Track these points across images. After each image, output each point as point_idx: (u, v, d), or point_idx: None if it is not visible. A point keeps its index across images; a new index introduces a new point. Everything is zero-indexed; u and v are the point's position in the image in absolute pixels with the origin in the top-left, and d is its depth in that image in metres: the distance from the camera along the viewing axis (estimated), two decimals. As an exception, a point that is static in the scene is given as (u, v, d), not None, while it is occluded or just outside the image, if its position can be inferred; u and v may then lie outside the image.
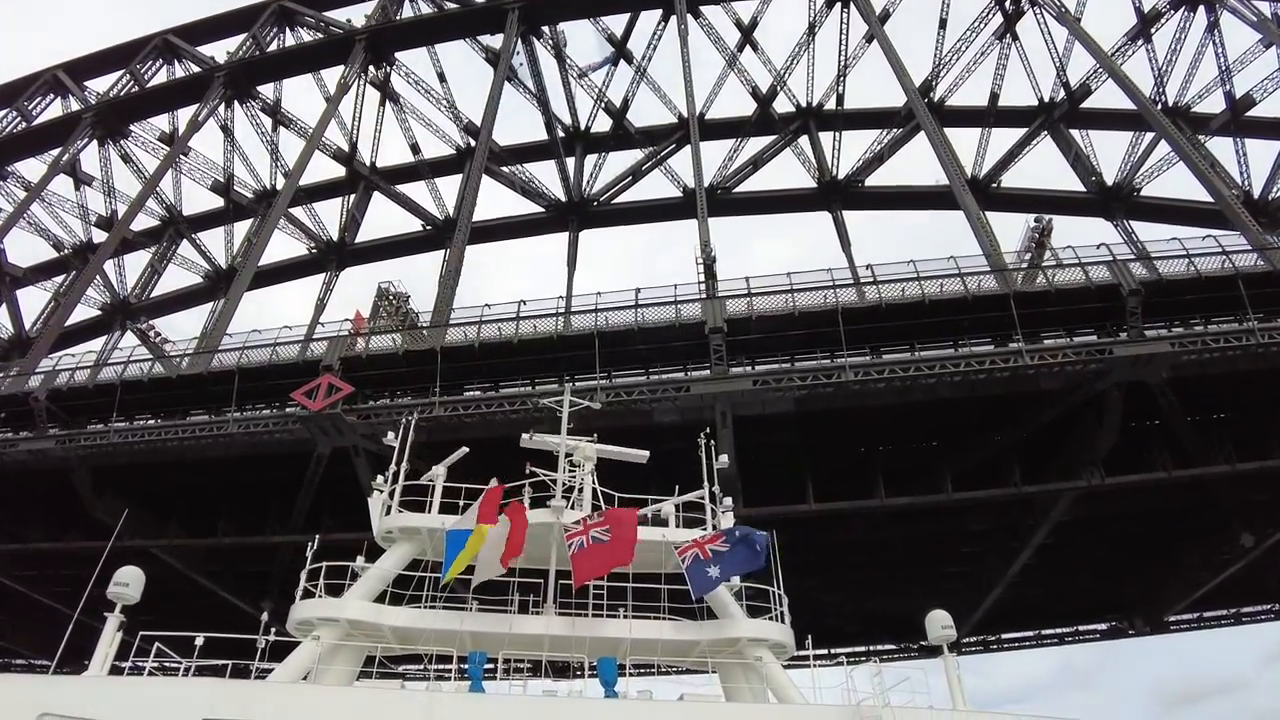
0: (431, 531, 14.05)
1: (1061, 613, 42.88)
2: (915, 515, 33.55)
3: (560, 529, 13.75)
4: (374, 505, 14.90)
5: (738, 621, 13.71)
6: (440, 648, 12.84)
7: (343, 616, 13.10)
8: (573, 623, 13.33)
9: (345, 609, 13.19)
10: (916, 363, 25.50)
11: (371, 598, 13.49)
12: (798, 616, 40.22)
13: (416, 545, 14.33)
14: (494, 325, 27.26)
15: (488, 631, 13.13)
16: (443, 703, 11.60)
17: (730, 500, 16.33)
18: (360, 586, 13.64)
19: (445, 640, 12.87)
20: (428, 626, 13.06)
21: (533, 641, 13.16)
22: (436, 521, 14.17)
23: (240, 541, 31.54)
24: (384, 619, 13.07)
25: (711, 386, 24.94)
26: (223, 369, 29.58)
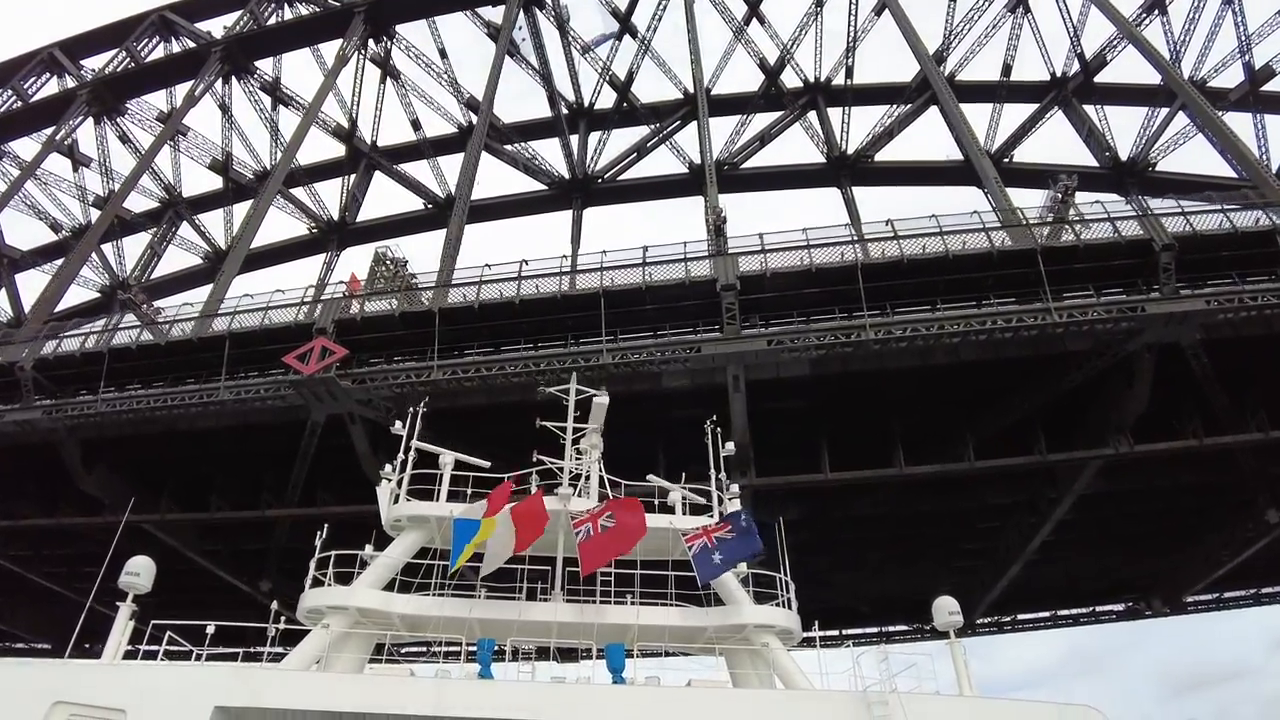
0: (440, 520, 13.94)
1: (1077, 593, 41.26)
2: (932, 488, 31.97)
3: (567, 516, 13.66)
4: (382, 494, 14.81)
5: (744, 608, 13.58)
6: (449, 635, 12.91)
7: (352, 604, 12.99)
8: (581, 609, 13.25)
9: (354, 597, 13.08)
10: (940, 320, 23.83)
11: (380, 586, 13.37)
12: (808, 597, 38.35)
13: (425, 533, 14.18)
14: (495, 286, 25.65)
15: (496, 618, 13.04)
16: (452, 689, 11.53)
17: (737, 487, 16.06)
18: (369, 575, 13.49)
19: (454, 627, 12.90)
20: (437, 614, 13.04)
21: (541, 628, 13.06)
22: (445, 510, 14.03)
23: (234, 516, 30.05)
24: (393, 607, 13.02)
25: (723, 347, 23.33)
26: (213, 335, 28.02)
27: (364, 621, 13.04)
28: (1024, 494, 32.06)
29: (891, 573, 37.45)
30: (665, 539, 13.83)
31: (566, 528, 13.57)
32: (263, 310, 27.57)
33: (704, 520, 14.10)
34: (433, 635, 13.19)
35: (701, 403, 26.47)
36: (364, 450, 26.87)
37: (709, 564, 12.80)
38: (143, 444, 30.31)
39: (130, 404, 27.64)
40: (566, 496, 14.06)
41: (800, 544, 36.49)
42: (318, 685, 11.69)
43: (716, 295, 24.03)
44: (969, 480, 32.07)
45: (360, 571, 13.54)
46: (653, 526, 13.47)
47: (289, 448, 28.33)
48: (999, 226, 25.28)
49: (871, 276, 24.15)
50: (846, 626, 41.62)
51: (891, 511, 33.03)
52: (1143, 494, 33.62)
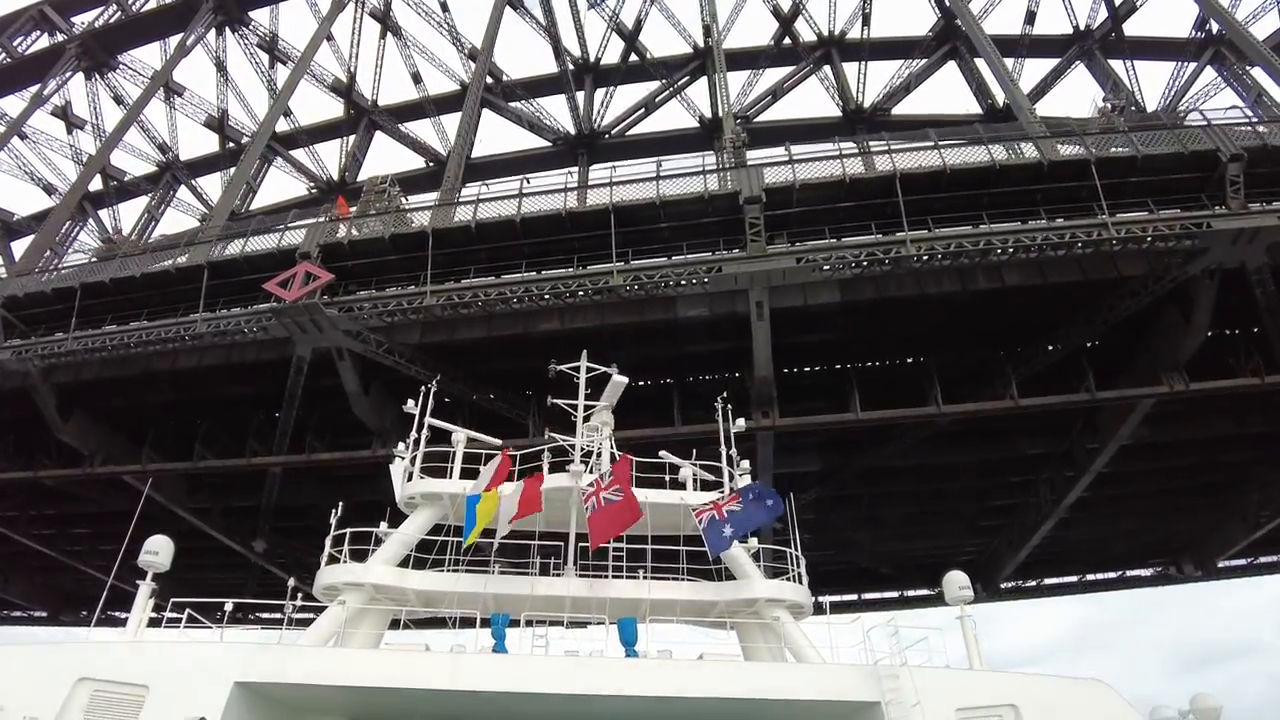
0: (453, 497, 13.76)
1: (1106, 557, 38.39)
2: (963, 438, 29.20)
3: (579, 493, 13.48)
4: (396, 472, 14.63)
5: (755, 582, 13.43)
6: (464, 610, 12.89)
7: (368, 581, 12.95)
8: (592, 584, 13.18)
9: (370, 574, 13.02)
10: (986, 235, 20.95)
11: (395, 562, 13.33)
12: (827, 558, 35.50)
13: (438, 510, 14.02)
14: (494, 205, 22.82)
15: (510, 594, 13.01)
16: (467, 663, 11.45)
17: (747, 463, 15.39)
18: (384, 551, 13.42)
19: (469, 602, 12.90)
20: (451, 589, 12.99)
21: (554, 603, 12.93)
22: (458, 487, 13.79)
23: (219, 465, 27.35)
24: (408, 583, 13.00)
25: (748, 265, 20.48)
26: (190, 265, 25.27)
27: (380, 598, 12.99)
28: (1061, 444, 29.26)
29: (915, 533, 34.69)
30: (676, 514, 13.59)
31: (578, 504, 13.36)
32: (243, 236, 24.76)
33: (714, 495, 13.71)
34: (447, 610, 13.12)
35: (720, 336, 23.75)
36: (354, 390, 24.14)
37: (719, 536, 12.62)
38: (122, 389, 27.66)
39: (104, 341, 24.89)
40: (578, 474, 13.75)
41: (821, 501, 33.81)
42: (336, 661, 11.58)
43: (739, 210, 21.16)
44: (1003, 429, 29.32)
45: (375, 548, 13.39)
46: (663, 502, 13.41)
47: (276, 390, 25.62)
48: (1049, 135, 22.35)
49: (910, 188, 21.28)
50: (866, 589, 38.86)
51: (919, 465, 30.25)
52: (1183, 447, 30.83)
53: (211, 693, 10.43)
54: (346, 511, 31.82)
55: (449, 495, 13.70)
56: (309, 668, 11.19)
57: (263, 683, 10.92)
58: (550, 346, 24.21)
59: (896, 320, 23.67)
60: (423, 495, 13.94)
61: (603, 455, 14.64)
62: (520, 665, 11.46)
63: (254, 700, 11.00)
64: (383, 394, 25.29)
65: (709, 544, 12.73)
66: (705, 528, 12.68)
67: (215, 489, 32.71)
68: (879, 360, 25.29)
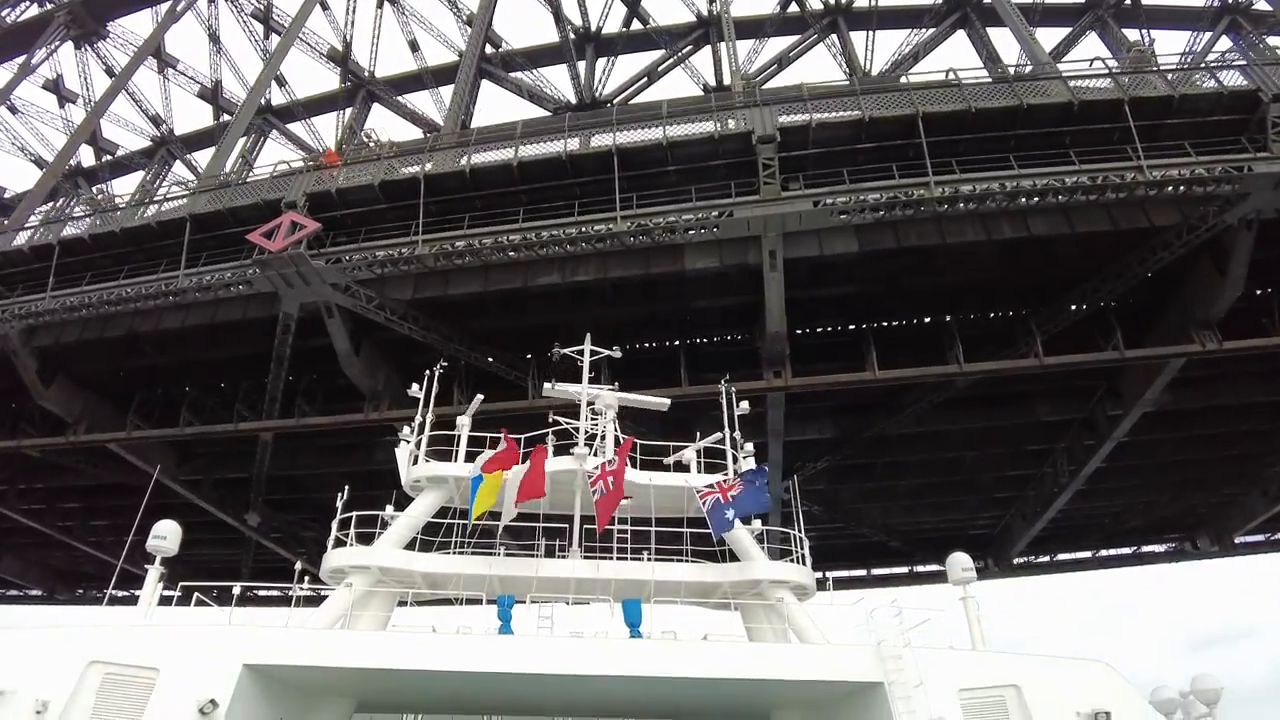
0: (458, 480, 13.64)
1: (1121, 532, 36.89)
2: (980, 404, 27.72)
3: (584, 476, 13.43)
4: (401, 455, 14.31)
5: (759, 563, 13.36)
6: (470, 592, 12.75)
7: (374, 564, 12.82)
8: (597, 565, 13.10)
9: (377, 557, 12.89)
10: (1014, 177, 19.37)
11: (402, 545, 13.16)
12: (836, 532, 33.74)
13: (444, 493, 13.89)
14: (491, 151, 21.25)
15: (515, 575, 12.97)
16: (474, 645, 11.38)
17: (751, 446, 15.10)
18: (390, 534, 13.28)
19: (474, 585, 12.81)
20: (457, 572, 12.95)
21: (559, 584, 12.95)
22: (463, 470, 13.59)
23: (206, 430, 25.86)
24: (415, 565, 12.93)
25: (761, 209, 18.89)
26: (172, 218, 23.71)
27: (386, 580, 12.90)
28: (1082, 409, 27.75)
29: (926, 505, 33.23)
30: (680, 497, 13.59)
31: (583, 487, 13.30)
32: (227, 187, 23.18)
33: (718, 477, 13.65)
34: (453, 592, 13.02)
35: (730, 290, 22.22)
36: (344, 350, 22.62)
37: (723, 518, 12.60)
38: (105, 352, 26.16)
39: (83, 299, 23.38)
40: (582, 456, 13.63)
41: (832, 471, 32.36)
42: (343, 643, 11.43)
43: (751, 152, 19.59)
44: (1021, 394, 27.83)
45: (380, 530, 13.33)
46: (667, 485, 13.41)
47: (263, 352, 24.11)
48: (1081, 75, 20.71)
49: (933, 130, 19.67)
50: (876, 564, 37.46)
51: (933, 432, 28.76)
52: (1205, 414, 29.34)
53: (221, 675, 10.43)
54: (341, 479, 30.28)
55: (454, 478, 13.58)
56: (317, 650, 11.09)
57: (271, 665, 10.90)
58: (550, 301, 22.79)
59: (916, 274, 22.13)
60: (428, 478, 13.81)
61: (607, 438, 14.34)
62: (526, 646, 11.33)
63: (263, 682, 10.98)
64: (375, 355, 23.80)
65: (713, 525, 12.70)
66: (709, 510, 12.62)
67: (205, 460, 31.31)
68: (896, 320, 23.75)
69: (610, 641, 11.78)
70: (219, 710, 10.12)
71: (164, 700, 10.11)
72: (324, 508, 35.40)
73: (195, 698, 10.09)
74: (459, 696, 13.52)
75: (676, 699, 13.17)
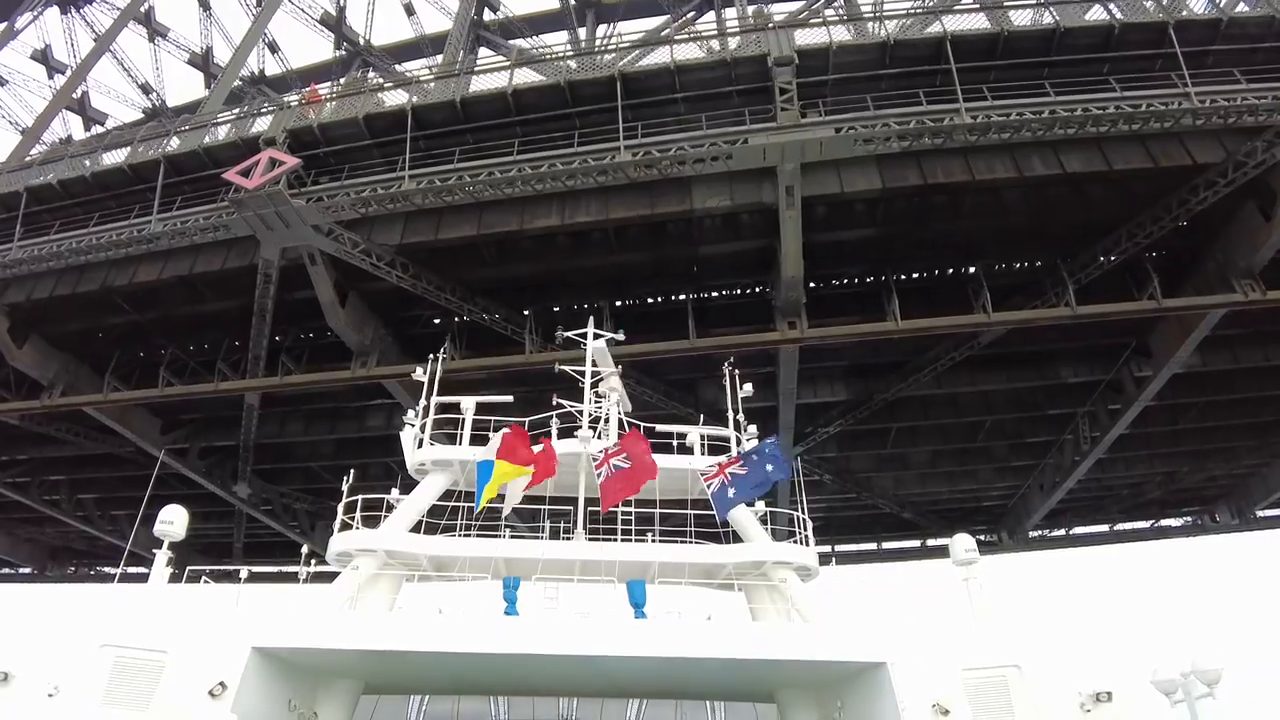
0: (463, 463, 13.56)
1: (1140, 504, 35.19)
2: (1000, 364, 26.01)
3: (588, 458, 13.43)
4: (406, 438, 14.24)
5: (762, 545, 13.29)
6: (475, 573, 12.87)
7: (381, 547, 12.84)
8: (602, 547, 13.02)
9: (383, 540, 12.88)
10: (1050, 104, 17.56)
11: (408, 528, 13.18)
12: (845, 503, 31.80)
13: (449, 476, 13.85)
14: (485, 78, 19.42)
15: (521, 557, 12.92)
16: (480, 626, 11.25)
17: (754, 428, 14.73)
18: (396, 517, 13.25)
19: (480, 567, 12.91)
20: (463, 554, 12.94)
21: (564, 566, 12.86)
22: (468, 453, 13.57)
23: (186, 392, 24.09)
24: (421, 548, 12.92)
25: (778, 136, 17.05)
26: (144, 161, 21.86)
27: (393, 563, 12.91)
28: (1108, 370, 26.01)
29: (940, 474, 31.52)
30: (684, 479, 13.63)
31: (588, 469, 13.29)
32: (206, 128, 21.34)
33: (720, 458, 13.40)
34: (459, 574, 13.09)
35: (742, 233, 20.43)
36: (328, 300, 20.84)
37: (726, 500, 12.48)
38: (80, 309, 24.36)
39: (52, 248, 21.58)
40: (586, 439, 13.63)
41: (843, 437, 30.64)
42: (351, 625, 11.37)
43: (767, 76, 17.74)
44: (1044, 354, 26.13)
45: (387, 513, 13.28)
46: (671, 467, 13.36)
47: (244, 306, 22.32)
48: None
49: (962, 54, 17.84)
50: (887, 537, 35.79)
51: (950, 395, 27.05)
52: (1233, 378, 27.64)
53: (230, 658, 10.38)
54: (332, 447, 28.35)
55: (459, 461, 13.48)
56: (325, 632, 11.01)
57: (280, 647, 10.87)
58: (549, 247, 20.99)
59: (940, 218, 20.34)
60: (434, 461, 13.71)
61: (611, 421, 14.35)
62: (531, 627, 11.19)
63: (272, 664, 10.93)
64: (362, 308, 22.02)
65: (716, 507, 12.58)
66: (714, 492, 12.48)
67: (191, 428, 29.60)
68: (918, 271, 21.96)
69: (615, 622, 11.69)
70: (228, 692, 10.08)
71: (174, 683, 10.08)
72: (315, 477, 33.77)
73: (205, 680, 10.07)
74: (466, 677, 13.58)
75: (681, 679, 13.11)
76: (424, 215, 19.70)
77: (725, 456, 13.45)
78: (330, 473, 31.96)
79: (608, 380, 15.05)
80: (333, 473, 32.25)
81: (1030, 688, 10.57)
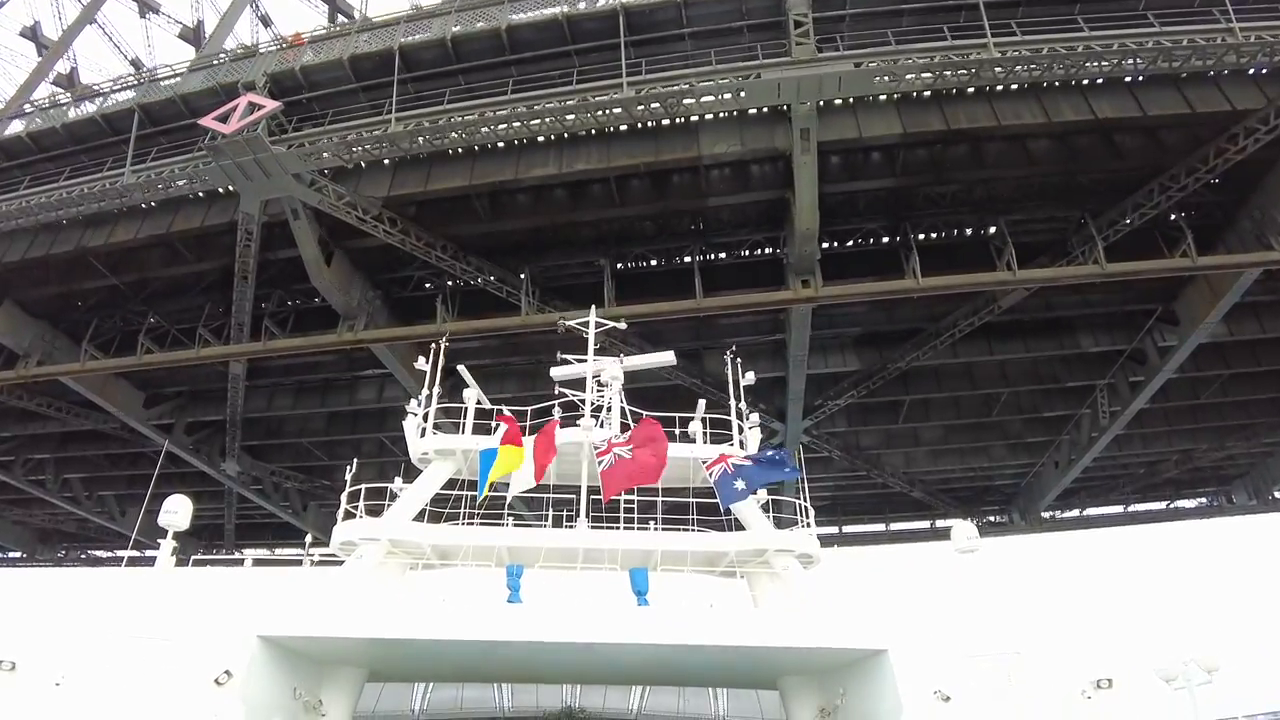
0: (466, 452, 13.45)
1: (1155, 484, 33.80)
2: (1018, 332, 24.62)
3: (590, 447, 13.21)
4: (409, 427, 13.88)
5: (765, 533, 13.15)
6: (479, 562, 12.79)
7: (385, 536, 12.70)
8: (604, 535, 12.89)
9: (387, 529, 12.76)
10: (1084, 39, 16.12)
11: (411, 517, 13.07)
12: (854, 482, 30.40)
13: (452, 465, 13.72)
14: (476, 13, 17.94)
15: (524, 546, 12.80)
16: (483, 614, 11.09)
17: (756, 416, 14.42)
18: (400, 506, 13.14)
19: (483, 555, 12.80)
20: (466, 543, 12.84)
21: (567, 554, 12.72)
22: (471, 442, 13.44)
23: (166, 360, 22.68)
24: (425, 537, 12.81)
25: (794, 71, 15.58)
26: (117, 110, 20.43)
27: (396, 551, 12.86)
28: (1129, 339, 24.62)
29: (952, 452, 30.13)
30: (686, 467, 13.49)
31: (590, 457, 13.21)
32: (184, 75, 19.88)
33: (722, 447, 13.32)
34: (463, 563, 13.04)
35: (751, 184, 18.97)
36: (312, 256, 19.40)
37: (731, 489, 12.30)
38: (55, 273, 22.93)
39: (21, 203, 20.13)
40: (589, 428, 13.47)
41: (853, 411, 29.22)
42: (356, 614, 11.23)
43: (780, 10, 16.28)
44: (1064, 322, 24.73)
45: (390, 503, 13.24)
46: (673, 457, 12.94)
47: (228, 267, 20.90)
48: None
49: (993, -17, 16.37)
50: (896, 518, 34.43)
51: (965, 365, 25.67)
52: (1257, 349, 26.25)
53: (235, 646, 10.33)
54: (323, 421, 26.80)
55: (462, 450, 13.45)
56: (330, 621, 10.95)
57: (285, 636, 10.86)
58: (546, 200, 19.53)
59: (962, 167, 18.91)
60: (437, 451, 13.60)
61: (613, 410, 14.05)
62: (534, 615, 11.06)
63: (277, 653, 10.91)
64: (348, 268, 20.59)
65: (721, 496, 12.37)
66: (717, 480, 12.33)
67: (176, 403, 28.19)
68: (938, 229, 20.50)
69: (618, 610, 11.57)
70: (234, 680, 9.99)
71: (180, 671, 9.97)
72: (305, 454, 32.35)
73: (210, 669, 9.94)
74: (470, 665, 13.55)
75: (683, 667, 13.11)
76: (413, 165, 18.28)
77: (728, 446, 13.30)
78: (321, 449, 30.60)
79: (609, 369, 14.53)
80: (324, 449, 30.91)
81: (1031, 674, 10.44)
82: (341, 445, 30.49)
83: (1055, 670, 10.55)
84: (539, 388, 17.54)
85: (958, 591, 12.04)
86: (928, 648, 10.72)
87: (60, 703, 9.58)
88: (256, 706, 10.34)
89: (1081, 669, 10.58)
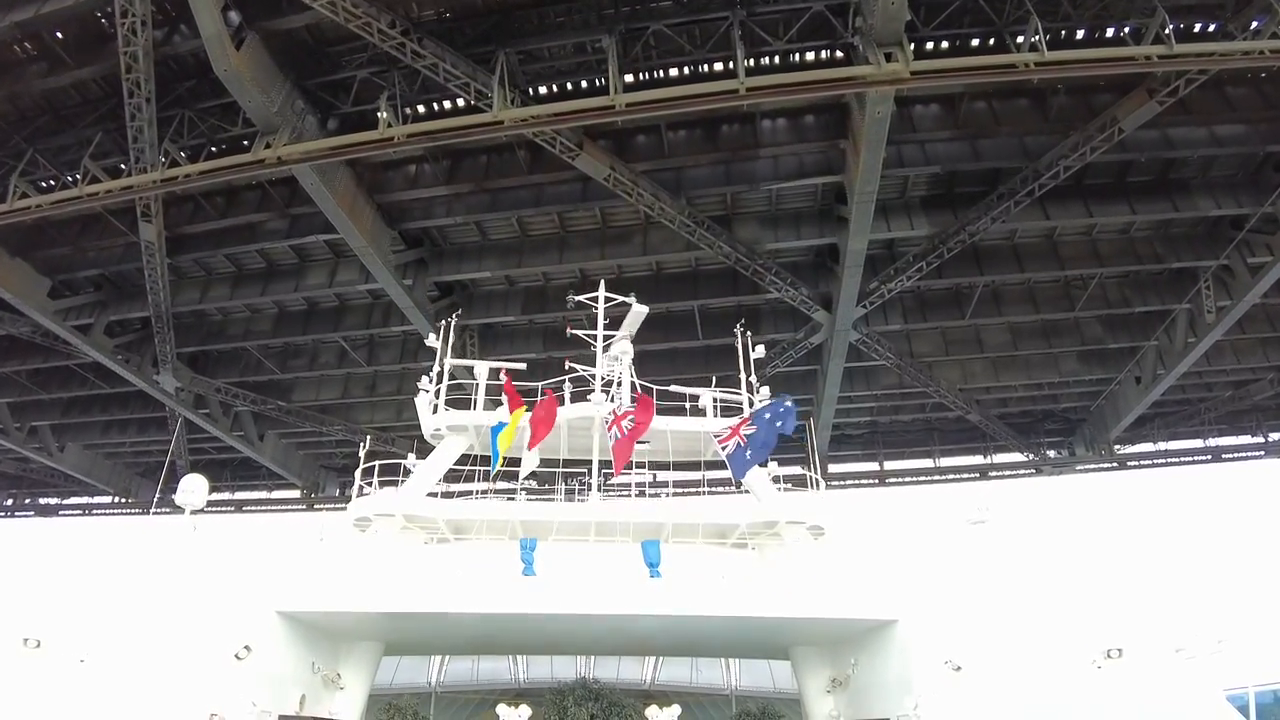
0: (478, 428, 13.08)
1: (1239, 410, 27.68)
2: (1125, 192, 18.74)
3: (601, 421, 12.67)
4: (421, 404, 13.39)
5: (775, 504, 12.83)
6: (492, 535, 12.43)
7: (400, 511, 12.52)
8: (616, 508, 12.63)
9: (402, 504, 12.54)
10: None
11: (425, 492, 12.82)
12: (906, 405, 23.68)
13: (464, 440, 13.38)
14: None
15: (537, 519, 12.52)
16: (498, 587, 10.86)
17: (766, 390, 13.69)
18: (414, 481, 12.86)
19: (497, 529, 12.55)
20: (480, 517, 12.59)
21: (579, 527, 12.35)
22: (483, 418, 13.00)
23: (43, 205, 16.74)
24: (439, 511, 12.57)
25: None
26: None
27: (411, 526, 12.64)
28: (1260, 203, 18.68)
29: (1017, 362, 24.15)
30: (697, 441, 13.15)
31: (601, 431, 12.62)
32: None
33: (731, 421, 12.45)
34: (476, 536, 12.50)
35: None
36: (211, 33, 13.43)
37: (742, 461, 11.67)
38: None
39: None
40: (599, 402, 12.90)
41: (912, 304, 23.10)
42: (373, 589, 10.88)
43: None
44: (1181, 181, 18.81)
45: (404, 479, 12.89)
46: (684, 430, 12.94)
47: (116, 76, 14.99)
48: None
49: None
50: (944, 451, 28.38)
51: (1049, 236, 19.86)
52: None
53: (255, 621, 10.26)
54: (271, 321, 21.13)
55: (474, 426, 13.09)
56: (346, 596, 10.71)
57: (303, 611, 10.74)
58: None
59: None
60: (449, 427, 13.26)
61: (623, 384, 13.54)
62: (548, 588, 10.77)
63: (295, 627, 10.81)
64: (266, 60, 14.63)
65: (733, 469, 11.84)
66: (730, 454, 11.75)
67: (89, 294, 22.23)
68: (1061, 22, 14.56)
69: (631, 582, 11.15)
70: (253, 655, 9.88)
71: (200, 647, 9.77)
72: (255, 367, 26.39)
73: (230, 644, 9.80)
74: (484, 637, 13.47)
75: (696, 637, 12.96)
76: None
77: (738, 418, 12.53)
78: (273, 360, 24.67)
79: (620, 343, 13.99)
80: (276, 360, 24.95)
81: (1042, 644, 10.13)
82: (295, 355, 24.57)
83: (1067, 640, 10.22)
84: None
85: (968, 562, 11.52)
86: (939, 618, 10.52)
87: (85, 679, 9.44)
88: (276, 680, 10.37)
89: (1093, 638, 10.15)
